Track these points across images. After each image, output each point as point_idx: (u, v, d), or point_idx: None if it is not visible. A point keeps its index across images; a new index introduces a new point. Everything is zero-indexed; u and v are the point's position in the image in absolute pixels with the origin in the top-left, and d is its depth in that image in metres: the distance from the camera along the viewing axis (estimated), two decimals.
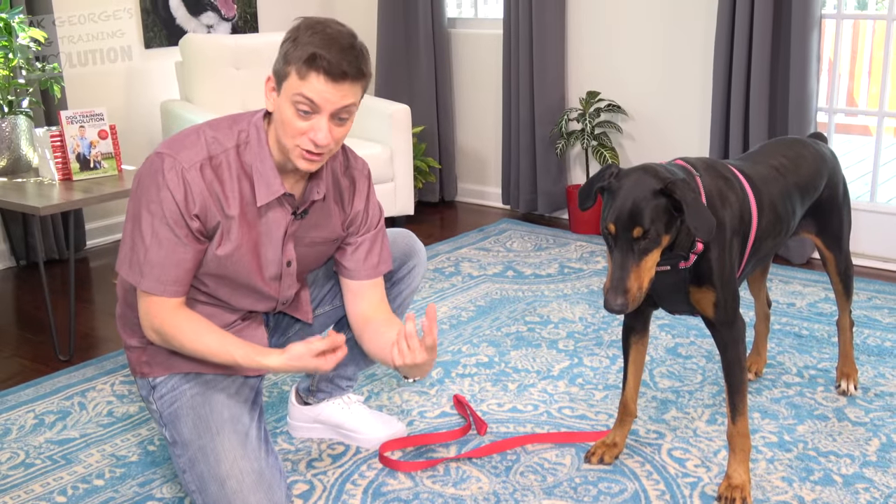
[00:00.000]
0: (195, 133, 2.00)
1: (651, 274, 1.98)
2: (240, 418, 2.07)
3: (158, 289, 1.98)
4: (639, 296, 1.96)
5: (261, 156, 2.00)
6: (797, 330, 3.26)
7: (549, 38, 4.58)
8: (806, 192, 2.46)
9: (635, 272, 1.95)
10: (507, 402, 2.78)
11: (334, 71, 1.87)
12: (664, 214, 1.95)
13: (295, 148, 1.94)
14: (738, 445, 2.26)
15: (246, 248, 2.04)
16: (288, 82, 1.90)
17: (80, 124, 3.41)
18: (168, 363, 2.12)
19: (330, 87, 1.88)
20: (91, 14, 4.32)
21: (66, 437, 2.64)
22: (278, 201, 2.05)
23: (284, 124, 1.93)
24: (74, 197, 3.19)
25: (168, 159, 1.94)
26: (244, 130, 2.01)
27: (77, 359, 3.18)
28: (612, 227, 1.95)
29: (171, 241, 1.95)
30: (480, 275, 3.94)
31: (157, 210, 1.94)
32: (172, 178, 1.93)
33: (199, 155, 1.96)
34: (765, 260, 2.47)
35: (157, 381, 2.13)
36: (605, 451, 2.43)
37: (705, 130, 4.26)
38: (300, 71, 1.88)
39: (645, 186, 1.95)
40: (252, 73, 4.46)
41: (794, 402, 2.74)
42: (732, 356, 2.22)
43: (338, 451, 2.53)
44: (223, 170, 1.98)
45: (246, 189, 2.00)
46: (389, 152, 4.40)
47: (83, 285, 3.98)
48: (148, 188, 1.95)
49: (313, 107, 1.89)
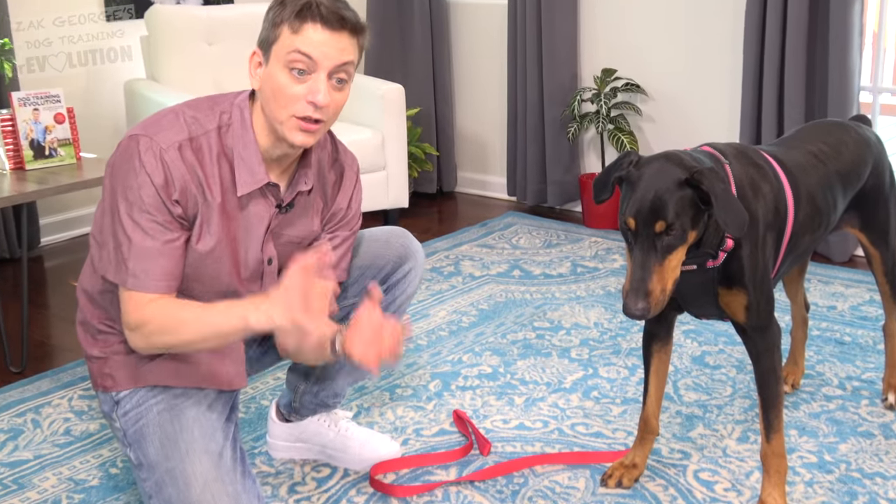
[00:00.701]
0: (172, 113, 2.00)
1: (676, 274, 1.97)
2: (212, 437, 2.06)
3: (151, 285, 1.95)
4: (662, 299, 1.96)
5: (244, 140, 2.00)
6: (839, 336, 3.26)
7: (559, 9, 4.57)
8: (848, 182, 2.45)
9: (658, 272, 1.94)
10: (514, 419, 2.78)
11: (332, 18, 1.90)
12: (690, 207, 1.94)
13: (289, 119, 1.94)
14: (774, 466, 2.25)
15: (225, 243, 2.04)
16: (278, 44, 1.92)
17: (34, 107, 3.40)
18: (134, 375, 2.11)
19: (328, 35, 1.90)
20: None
21: (18, 459, 2.63)
22: (261, 192, 2.04)
23: (277, 93, 1.93)
24: (27, 189, 3.18)
25: (144, 140, 1.93)
26: (226, 112, 2.02)
27: (30, 370, 3.18)
28: (631, 221, 1.95)
29: (156, 230, 1.94)
30: (483, 275, 3.93)
31: (135, 198, 1.92)
32: (150, 160, 1.92)
33: (179, 135, 1.96)
34: (802, 258, 2.47)
35: (120, 396, 2.12)
36: (624, 472, 2.43)
37: (735, 112, 4.25)
38: (293, 25, 1.90)
39: (669, 176, 1.95)
40: (226, 49, 4.45)
41: (836, 417, 2.73)
42: (767, 366, 2.22)
43: (323, 474, 2.52)
44: (203, 152, 1.98)
45: (226, 176, 2.00)
46: (381, 137, 4.39)
47: (37, 288, 3.98)
48: (124, 175, 1.94)
49: (310, 64, 1.91)
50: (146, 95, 4.16)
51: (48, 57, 4.37)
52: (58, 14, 4.36)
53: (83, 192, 4.28)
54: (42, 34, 4.33)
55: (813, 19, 3.89)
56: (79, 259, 4.26)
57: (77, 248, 4.41)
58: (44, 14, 4.32)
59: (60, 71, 4.41)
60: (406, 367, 3.09)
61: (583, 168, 4.84)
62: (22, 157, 3.39)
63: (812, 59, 3.94)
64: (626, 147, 4.36)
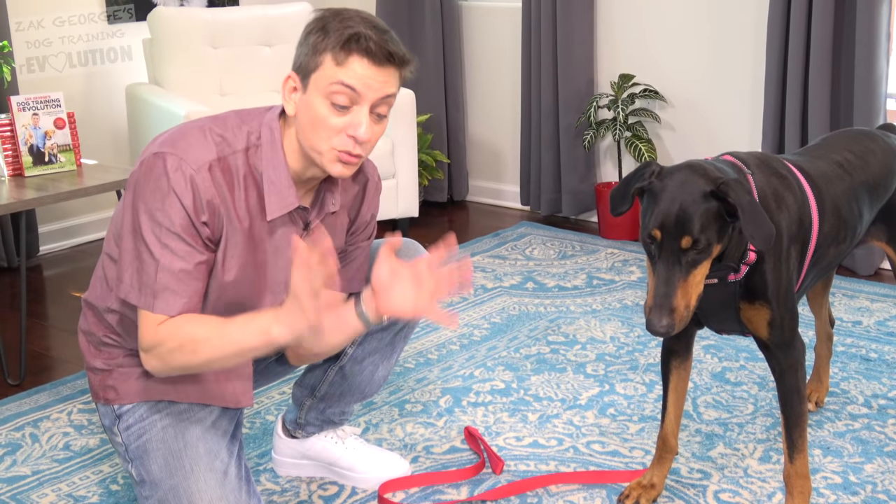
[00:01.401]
0: (199, 131, 1.97)
1: (699, 289, 1.97)
2: (217, 454, 2.07)
3: (176, 308, 1.92)
4: (686, 315, 1.95)
5: (274, 162, 1.98)
6: (864, 352, 3.25)
7: (575, 12, 4.58)
8: (875, 193, 2.45)
9: (682, 288, 1.94)
10: (527, 436, 2.78)
11: (380, 52, 1.88)
12: (716, 220, 1.94)
13: (330, 151, 1.92)
14: (797, 487, 2.25)
15: (251, 269, 2.03)
16: (320, 72, 1.89)
17: (34, 111, 3.42)
18: (137, 389, 2.12)
19: (374, 70, 1.88)
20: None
21: (15, 475, 2.64)
22: (290, 216, 2.04)
23: (316, 124, 1.91)
24: (26, 196, 3.20)
25: (172, 159, 1.91)
26: (254, 132, 1.99)
27: (29, 383, 3.19)
28: (657, 233, 1.94)
29: (185, 252, 1.92)
30: (496, 287, 3.94)
31: (163, 219, 1.90)
32: (179, 180, 1.89)
33: (208, 155, 1.93)
34: (827, 271, 2.46)
35: (123, 410, 2.13)
36: (642, 493, 2.42)
37: (757, 120, 4.26)
38: (338, 56, 1.87)
39: (694, 188, 1.94)
40: (231, 53, 4.47)
41: (861, 436, 2.73)
42: (790, 383, 2.22)
43: (330, 493, 2.52)
44: (231, 174, 1.96)
45: (253, 200, 1.99)
46: (390, 144, 4.40)
47: (36, 298, 3.99)
48: (150, 195, 1.91)
49: (353, 96, 1.89)
50: (148, 100, 4.18)
51: (48, 57, 4.39)
52: (57, 15, 4.40)
53: (84, 200, 4.31)
54: (42, 35, 4.36)
55: (838, 23, 3.89)
56: (79, 268, 4.28)
57: (77, 256, 4.43)
58: (43, 14, 4.35)
59: (60, 71, 4.43)
60: (416, 382, 3.10)
61: (599, 177, 4.85)
62: (21, 163, 3.41)
63: (837, 65, 3.94)
64: (644, 155, 4.36)
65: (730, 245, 2.03)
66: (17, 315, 3.45)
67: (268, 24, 4.53)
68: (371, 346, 2.37)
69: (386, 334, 2.36)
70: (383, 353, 2.41)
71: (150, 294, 1.92)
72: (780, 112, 4.07)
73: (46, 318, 3.83)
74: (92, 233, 4.63)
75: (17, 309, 3.46)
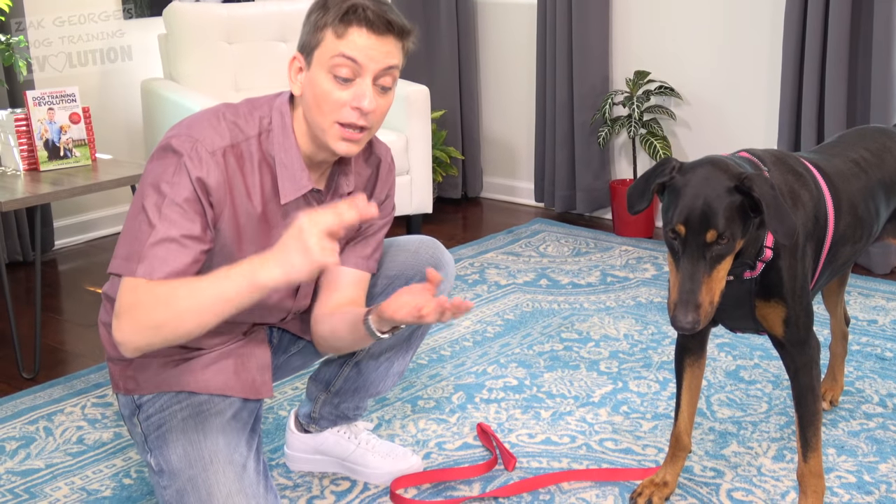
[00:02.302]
0: (214, 117, 1.99)
1: (722, 285, 1.97)
2: (237, 447, 2.07)
3: (159, 273, 1.85)
4: (710, 311, 1.95)
5: (286, 146, 2.00)
6: (879, 351, 3.24)
7: (591, 8, 4.57)
8: (892, 191, 2.45)
9: (707, 284, 1.93)
10: (540, 433, 2.78)
11: (378, 21, 1.90)
12: (739, 215, 1.94)
13: (333, 126, 1.94)
14: (811, 487, 2.25)
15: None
16: (322, 48, 1.92)
17: (49, 106, 3.44)
18: (157, 380, 2.12)
19: (374, 40, 1.91)
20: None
21: (29, 468, 2.65)
22: (304, 198, 2.05)
23: (320, 99, 1.93)
24: (42, 190, 3.21)
25: (186, 140, 1.92)
26: (266, 116, 2.02)
27: (43, 377, 3.20)
28: (681, 228, 1.94)
29: (184, 224, 1.89)
30: (509, 283, 3.94)
31: (168, 190, 1.89)
32: (192, 156, 1.90)
33: (223, 140, 1.95)
34: (842, 269, 2.46)
35: (143, 400, 2.14)
36: (655, 491, 2.42)
37: (773, 118, 4.24)
38: (337, 29, 1.90)
39: (717, 183, 1.94)
40: (247, 49, 4.48)
41: (876, 436, 2.72)
42: (804, 382, 2.21)
43: (343, 488, 2.53)
44: (245, 160, 1.98)
45: (268, 184, 2.01)
46: (405, 140, 4.40)
47: (51, 292, 4.01)
48: (161, 170, 1.91)
49: (355, 68, 1.91)
50: (164, 95, 4.19)
51: (64, 53, 4.40)
52: (73, 11, 4.40)
53: (98, 195, 4.32)
54: (58, 31, 4.37)
55: (855, 20, 3.87)
56: (93, 263, 4.30)
57: (92, 251, 4.45)
58: (60, 11, 4.36)
59: (75, 66, 4.44)
60: (428, 379, 3.10)
61: (613, 174, 4.84)
62: (36, 157, 3.42)
63: (854, 63, 3.92)
64: (659, 153, 4.35)
65: (748, 241, 2.02)
66: (32, 309, 3.47)
67: (283, 20, 4.54)
68: (388, 342, 2.38)
69: (403, 330, 2.37)
70: (399, 349, 2.41)
71: (135, 260, 1.86)
72: (796, 109, 4.06)
73: (61, 312, 3.85)
74: (107, 227, 4.65)
75: (32, 303, 3.48)
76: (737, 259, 2.04)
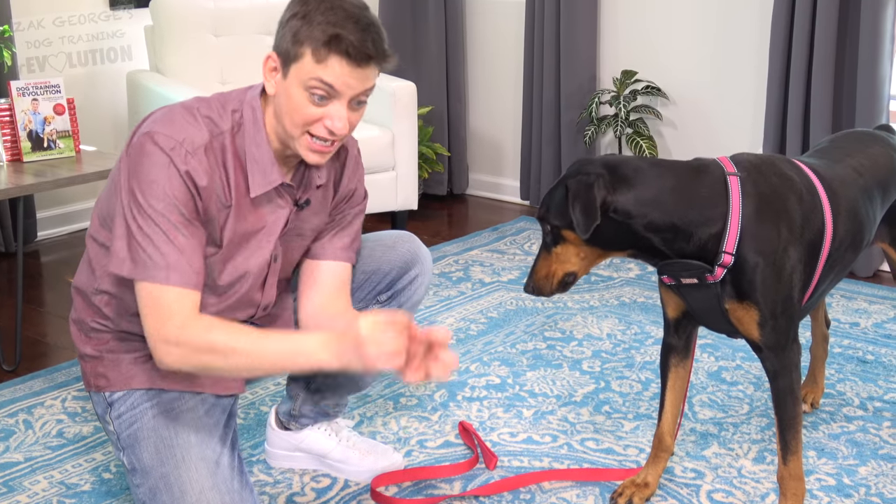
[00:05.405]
0: (189, 112, 1.98)
1: (566, 267, 2.17)
2: (209, 443, 2.07)
3: (191, 280, 1.90)
4: (546, 284, 2.20)
5: (257, 140, 2.00)
6: (861, 354, 3.25)
7: (579, 7, 4.57)
8: (886, 194, 2.45)
9: (544, 260, 2.20)
10: (522, 432, 2.78)
11: (359, 55, 1.88)
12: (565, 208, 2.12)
13: (304, 136, 1.94)
14: (790, 489, 2.25)
15: (234, 246, 2.04)
16: (300, 65, 1.90)
17: (34, 97, 3.41)
18: (128, 376, 2.12)
19: (353, 70, 1.89)
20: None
21: (8, 461, 2.64)
22: (276, 192, 2.05)
23: (293, 111, 1.93)
24: (24, 181, 3.19)
25: (165, 139, 1.91)
26: (237, 110, 2.01)
27: (23, 369, 3.19)
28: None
29: (188, 225, 1.92)
30: (493, 281, 3.93)
31: (160, 193, 1.90)
32: (178, 160, 1.90)
33: (202, 137, 1.95)
34: (843, 274, 2.44)
35: (114, 398, 2.13)
36: (635, 491, 2.42)
37: (759, 119, 4.25)
38: (318, 53, 1.88)
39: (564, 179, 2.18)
40: (233, 42, 4.46)
41: (856, 439, 2.72)
42: (784, 385, 2.21)
43: (323, 485, 2.52)
44: (220, 154, 1.98)
45: (240, 178, 2.01)
46: (390, 136, 4.39)
47: (32, 284, 3.99)
48: (146, 173, 1.91)
49: (331, 92, 1.91)
50: (150, 87, 4.17)
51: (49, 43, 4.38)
52: (61, 2, 4.38)
53: (82, 186, 4.30)
54: (43, 21, 4.34)
55: (842, 26, 3.88)
56: (76, 254, 4.27)
57: (75, 243, 4.42)
58: (46, 2, 4.33)
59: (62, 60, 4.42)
60: None
61: None
62: (20, 148, 3.40)
63: (840, 65, 3.93)
64: (645, 152, 4.35)
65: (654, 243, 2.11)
66: (14, 300, 3.45)
67: (270, 14, 4.52)
68: None
69: None
70: None
71: (163, 267, 1.89)
72: (782, 111, 4.07)
73: (43, 303, 3.83)
74: (90, 219, 4.61)
75: (14, 294, 3.46)
76: (693, 260, 2.11)
